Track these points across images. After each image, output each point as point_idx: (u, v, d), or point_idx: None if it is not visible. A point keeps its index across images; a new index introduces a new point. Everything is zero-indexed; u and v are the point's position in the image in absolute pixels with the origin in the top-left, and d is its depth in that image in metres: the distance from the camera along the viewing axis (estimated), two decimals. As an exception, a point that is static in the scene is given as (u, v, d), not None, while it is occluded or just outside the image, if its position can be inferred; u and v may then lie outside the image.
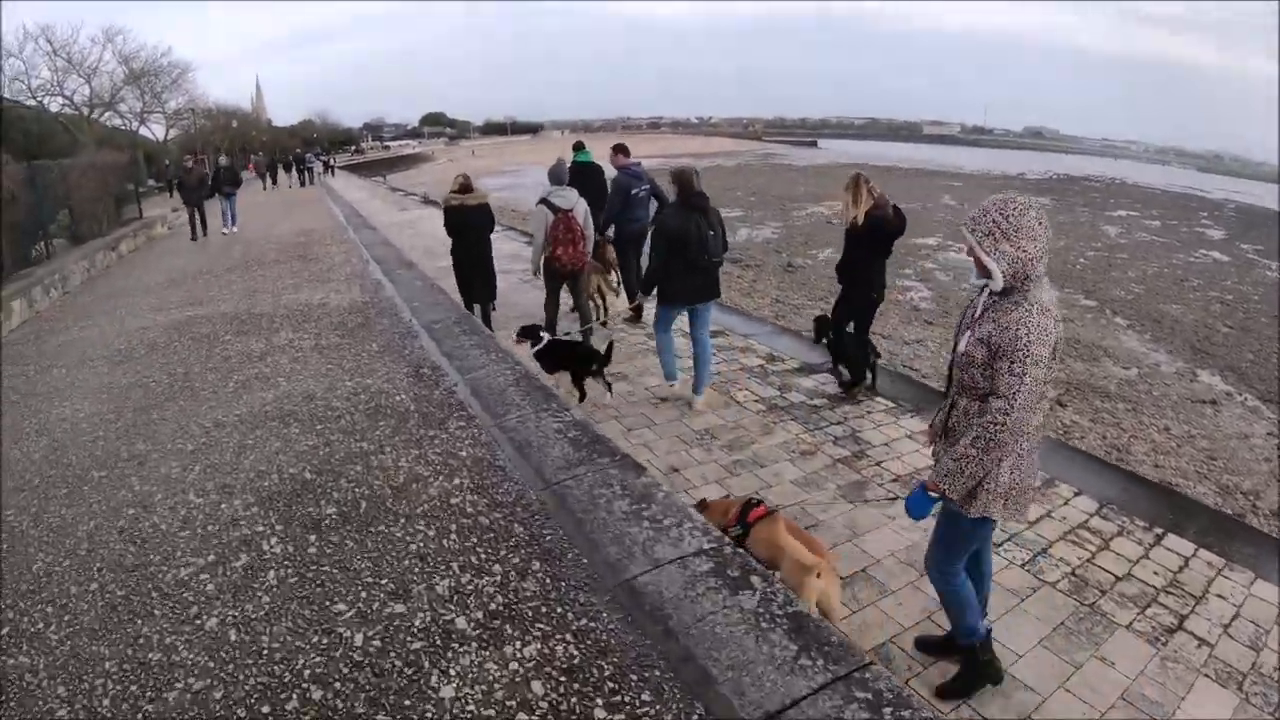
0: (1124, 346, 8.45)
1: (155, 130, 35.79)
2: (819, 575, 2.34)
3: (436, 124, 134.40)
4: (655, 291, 4.41)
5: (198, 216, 12.73)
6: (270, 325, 6.01)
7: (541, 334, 4.69)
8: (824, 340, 5.04)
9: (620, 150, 6.21)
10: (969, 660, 2.32)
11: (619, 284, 6.80)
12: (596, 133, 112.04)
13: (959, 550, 2.22)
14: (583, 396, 4.54)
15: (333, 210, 17.17)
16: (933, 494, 2.11)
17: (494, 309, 6.39)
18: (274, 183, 30.46)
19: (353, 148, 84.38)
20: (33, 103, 25.95)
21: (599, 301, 6.28)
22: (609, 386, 4.58)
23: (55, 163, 10.77)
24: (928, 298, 10.62)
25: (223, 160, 14.68)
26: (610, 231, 6.20)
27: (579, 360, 4.55)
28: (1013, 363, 1.89)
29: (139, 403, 4.40)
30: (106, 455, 3.63)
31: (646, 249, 5.10)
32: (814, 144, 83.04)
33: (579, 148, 6.83)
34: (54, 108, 27.75)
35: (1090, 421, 5.77)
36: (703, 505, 2.89)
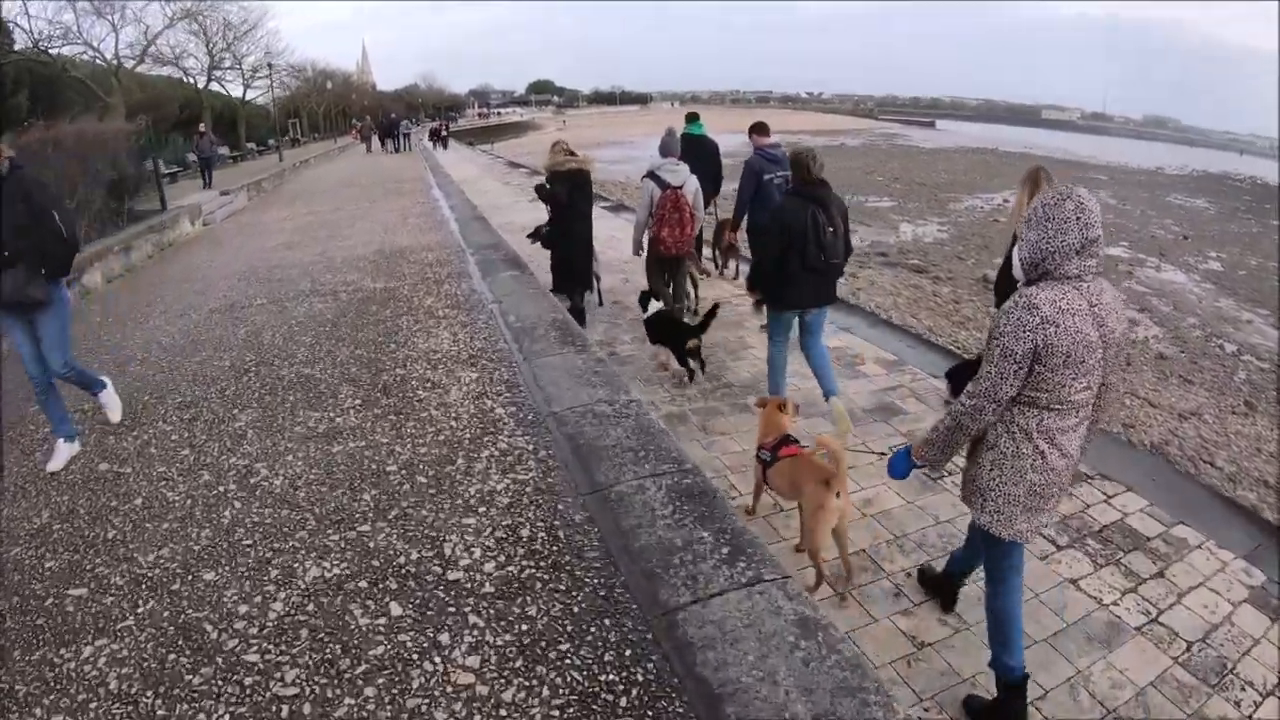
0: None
1: (231, 90, 31.88)
2: (839, 495, 2.41)
3: (544, 92, 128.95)
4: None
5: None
6: None
7: (653, 302, 4.68)
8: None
9: (759, 129, 5.52)
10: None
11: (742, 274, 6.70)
12: (705, 105, 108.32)
13: (990, 569, 2.22)
14: (691, 375, 4.48)
15: (439, 206, 11.61)
16: (915, 460, 2.15)
17: (601, 301, 6.23)
18: (382, 146, 31.22)
19: (456, 114, 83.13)
20: (29, 49, 19.36)
21: (692, 292, 6.02)
22: (699, 366, 4.51)
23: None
24: (1160, 337, 7.46)
25: None
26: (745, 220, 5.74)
27: (676, 335, 4.47)
28: (988, 351, 1.90)
29: None
30: None
31: None
32: (932, 124, 75.75)
33: (692, 119, 6.45)
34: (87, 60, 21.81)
35: None
36: (762, 403, 3.17)
